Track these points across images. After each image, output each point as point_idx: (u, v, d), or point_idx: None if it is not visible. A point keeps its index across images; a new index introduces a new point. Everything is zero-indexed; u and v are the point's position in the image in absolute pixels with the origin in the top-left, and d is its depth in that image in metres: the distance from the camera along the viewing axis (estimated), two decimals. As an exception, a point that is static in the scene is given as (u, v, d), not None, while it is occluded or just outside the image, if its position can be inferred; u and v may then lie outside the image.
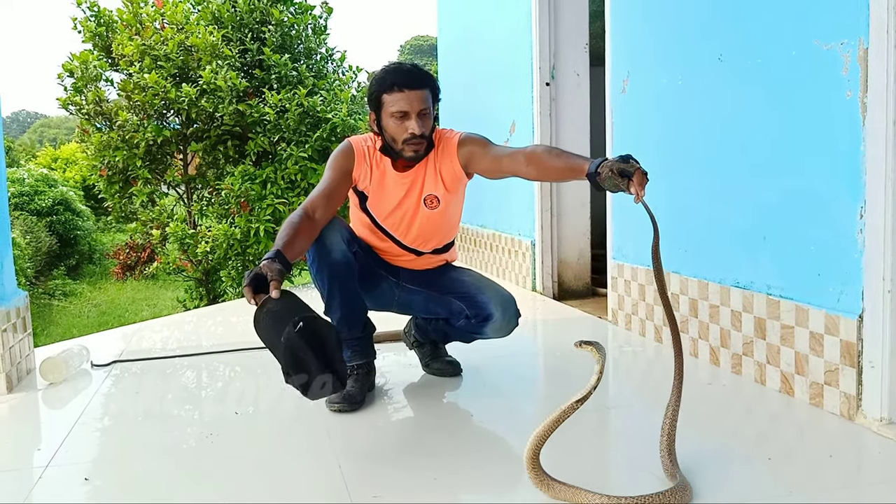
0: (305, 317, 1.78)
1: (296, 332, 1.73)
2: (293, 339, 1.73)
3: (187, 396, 2.50)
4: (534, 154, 2.11)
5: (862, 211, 1.94)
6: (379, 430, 2.11)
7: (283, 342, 1.73)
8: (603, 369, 1.57)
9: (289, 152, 5.40)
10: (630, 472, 1.80)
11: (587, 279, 4.25)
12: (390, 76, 2.20)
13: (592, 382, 1.55)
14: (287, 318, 1.76)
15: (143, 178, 5.65)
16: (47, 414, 2.41)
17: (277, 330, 1.75)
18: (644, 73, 3.01)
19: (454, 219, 2.42)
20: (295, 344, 1.73)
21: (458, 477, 1.76)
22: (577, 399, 1.56)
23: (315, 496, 1.67)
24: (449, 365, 2.57)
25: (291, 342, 1.73)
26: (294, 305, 1.82)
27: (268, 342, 1.81)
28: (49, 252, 11.88)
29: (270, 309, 1.80)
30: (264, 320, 1.80)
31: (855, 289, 1.97)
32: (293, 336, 1.73)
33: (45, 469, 1.85)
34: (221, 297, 5.87)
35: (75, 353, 2.77)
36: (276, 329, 1.76)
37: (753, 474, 1.71)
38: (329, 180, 2.26)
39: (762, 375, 2.32)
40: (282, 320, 1.76)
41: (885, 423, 1.91)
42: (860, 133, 1.93)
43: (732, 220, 2.48)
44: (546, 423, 1.57)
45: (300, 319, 1.75)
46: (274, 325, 1.77)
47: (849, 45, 1.96)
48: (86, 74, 5.69)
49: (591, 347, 1.60)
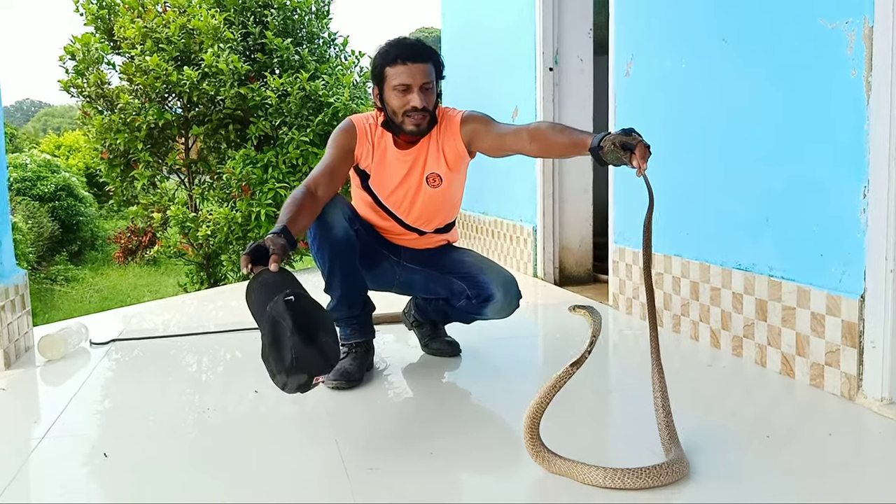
0: (299, 293, 1.70)
1: (283, 302, 1.65)
2: (279, 308, 1.64)
3: (185, 374, 2.50)
4: (537, 130, 2.10)
5: (865, 191, 1.92)
6: (376, 407, 2.10)
7: (268, 310, 1.66)
8: (597, 333, 1.55)
9: (290, 136, 5.39)
10: (629, 449, 1.79)
11: (589, 265, 4.23)
12: (393, 49, 2.18)
13: (586, 346, 1.54)
14: (279, 290, 1.69)
15: (144, 161, 5.64)
16: (45, 389, 2.40)
17: (267, 298, 1.68)
18: (648, 57, 2.99)
19: (456, 198, 2.41)
20: (279, 314, 1.64)
21: (454, 452, 1.75)
22: (572, 363, 1.54)
23: (311, 470, 1.67)
24: (448, 345, 2.56)
25: (276, 311, 1.65)
26: (291, 282, 1.76)
27: (254, 311, 1.75)
28: (51, 237, 11.89)
29: (265, 280, 1.75)
30: (256, 289, 1.75)
31: (857, 269, 1.96)
32: (280, 305, 1.64)
33: (41, 441, 1.85)
34: (222, 281, 5.87)
35: (74, 331, 2.76)
36: (265, 297, 1.69)
37: (752, 453, 1.70)
38: (331, 158, 2.25)
39: (763, 357, 2.31)
40: (273, 290, 1.69)
41: (886, 404, 1.90)
42: (864, 112, 1.92)
43: (735, 202, 2.47)
44: (543, 391, 1.55)
45: (293, 294, 1.68)
46: (265, 293, 1.71)
47: (854, 23, 1.94)
48: (87, 57, 5.68)
49: (585, 311, 1.59)
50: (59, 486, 1.62)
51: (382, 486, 1.56)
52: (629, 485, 1.48)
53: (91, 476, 1.69)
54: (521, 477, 1.63)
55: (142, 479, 1.64)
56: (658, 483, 1.49)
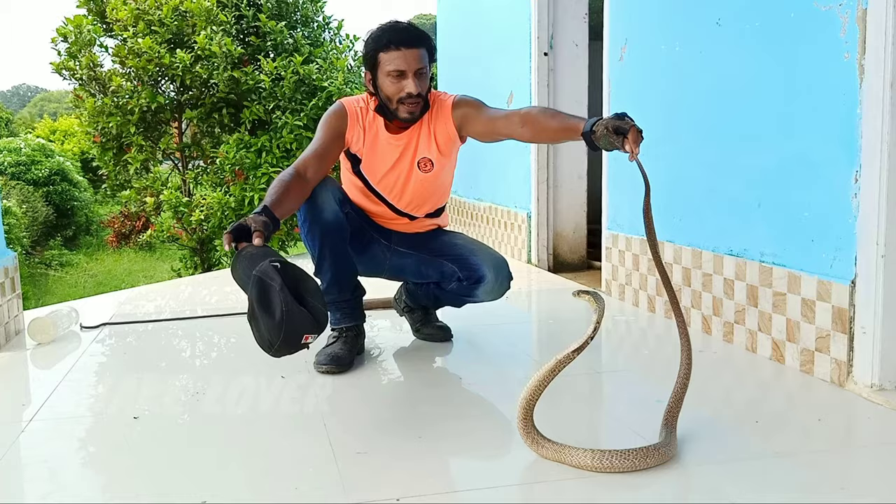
0: (285, 261, 1.69)
1: (269, 265, 1.63)
2: (266, 268, 1.63)
3: (174, 358, 2.49)
4: (529, 115, 2.08)
5: (857, 175, 1.91)
6: (366, 391, 2.09)
7: (255, 273, 1.64)
8: (601, 319, 1.54)
9: (284, 121, 5.36)
10: (618, 433, 1.79)
11: (583, 252, 4.23)
12: (387, 34, 2.16)
13: (589, 332, 1.52)
14: (264, 258, 1.68)
15: (137, 144, 5.60)
16: (34, 372, 2.40)
17: (252, 265, 1.67)
18: (642, 41, 2.97)
19: (447, 183, 2.40)
20: (265, 273, 1.62)
21: (443, 436, 1.75)
22: (574, 349, 1.52)
23: (298, 453, 1.66)
24: (439, 330, 2.56)
25: (262, 271, 1.63)
26: (275, 253, 1.74)
27: (240, 280, 1.73)
28: (45, 222, 11.86)
29: (249, 252, 1.74)
30: (241, 260, 1.73)
31: (848, 254, 1.95)
32: (266, 266, 1.63)
33: (29, 423, 1.84)
34: (216, 266, 5.86)
35: (64, 315, 2.75)
36: (250, 264, 1.68)
37: (741, 437, 1.70)
38: (321, 140, 2.23)
39: (754, 343, 2.31)
40: (258, 258, 1.68)
41: (876, 389, 1.90)
42: (857, 96, 1.90)
43: (727, 187, 2.46)
44: (541, 374, 1.54)
45: (278, 261, 1.67)
46: (250, 262, 1.69)
47: (847, 5, 1.92)
48: (79, 39, 5.64)
49: (589, 297, 1.57)
50: (48, 469, 1.61)
51: (370, 469, 1.56)
52: (617, 467, 1.48)
53: (79, 458, 1.69)
54: (510, 460, 1.62)
55: (130, 462, 1.64)
56: (645, 465, 1.49)
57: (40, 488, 1.54)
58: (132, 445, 1.73)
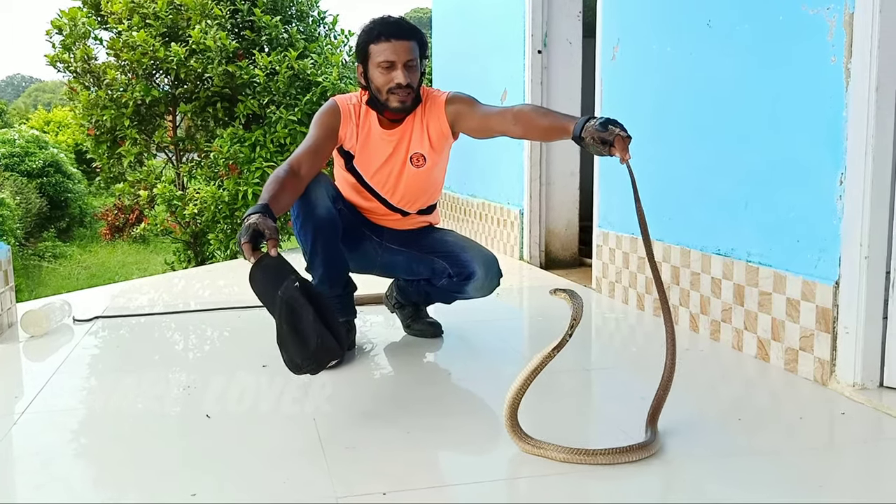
0: (302, 278, 1.79)
1: (294, 287, 1.73)
2: (292, 291, 1.73)
3: (167, 351, 2.51)
4: (521, 112, 2.11)
5: (842, 177, 1.94)
6: (356, 387, 2.11)
7: (280, 295, 1.74)
8: (578, 317, 1.56)
9: (278, 115, 5.37)
10: (604, 429, 1.81)
11: (574, 249, 4.25)
12: (377, 27, 2.19)
13: (567, 329, 1.55)
14: (283, 275, 1.76)
15: (131, 138, 5.60)
16: (27, 365, 2.41)
17: (274, 283, 1.76)
18: (634, 40, 2.99)
19: (439, 180, 2.42)
20: (293, 296, 1.73)
21: (432, 431, 1.77)
22: (553, 347, 1.55)
23: (288, 447, 1.68)
24: (430, 326, 2.58)
25: (289, 294, 1.73)
26: (290, 267, 1.83)
27: (264, 296, 1.82)
28: (39, 213, 11.83)
29: (268, 264, 1.80)
30: (259, 275, 1.80)
31: (832, 255, 1.98)
32: (292, 289, 1.73)
33: (21, 415, 1.86)
34: (210, 260, 5.87)
35: (57, 308, 2.77)
36: (272, 282, 1.76)
37: (725, 434, 1.73)
38: (315, 137, 2.24)
39: (739, 341, 2.34)
40: (278, 275, 1.77)
41: (858, 389, 1.93)
42: (843, 99, 1.93)
43: (716, 187, 2.48)
44: (523, 374, 1.57)
45: (297, 280, 1.77)
46: (270, 279, 1.78)
47: (835, 9, 1.95)
48: (74, 31, 5.63)
49: (566, 295, 1.60)
50: (40, 461, 1.63)
51: (359, 464, 1.58)
52: (601, 461, 1.51)
53: (72, 451, 1.71)
54: (499, 455, 1.65)
55: (122, 455, 1.66)
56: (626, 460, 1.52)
57: (32, 480, 1.56)
58: (124, 438, 1.75)
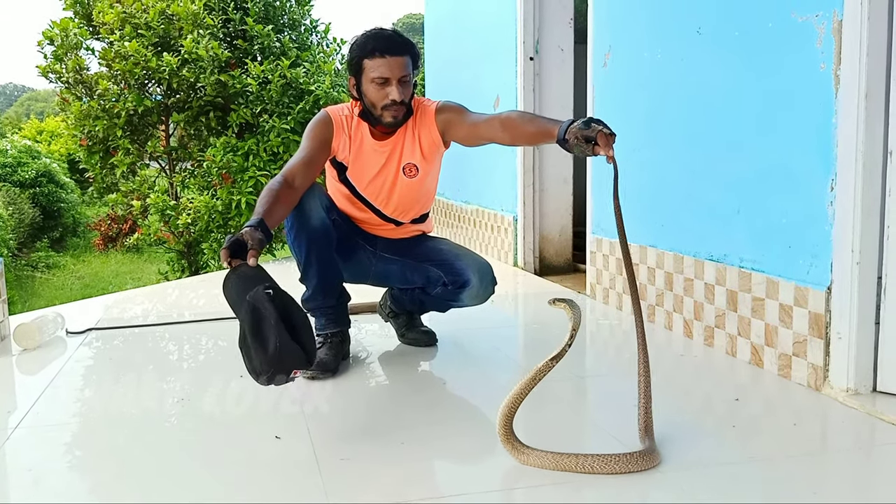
0: (277, 288, 1.73)
1: (263, 292, 1.67)
2: (259, 295, 1.67)
3: (161, 363, 2.50)
4: (508, 119, 2.12)
5: (833, 183, 1.95)
6: (350, 397, 2.11)
7: (248, 299, 1.68)
8: (577, 327, 1.57)
9: (271, 124, 5.37)
10: (600, 438, 1.81)
11: (568, 255, 4.26)
12: (371, 41, 2.18)
13: (566, 340, 1.55)
14: (258, 282, 1.72)
15: (123, 148, 5.60)
16: (20, 379, 2.40)
17: (245, 288, 1.71)
18: (626, 48, 3.00)
19: (431, 189, 2.43)
20: (259, 302, 1.67)
21: (426, 441, 1.77)
22: (552, 357, 1.55)
23: (282, 458, 1.68)
24: (424, 335, 2.58)
25: (256, 299, 1.67)
26: (268, 277, 1.78)
27: (231, 300, 1.77)
28: (32, 224, 11.80)
29: (243, 272, 1.78)
30: (234, 280, 1.78)
31: (824, 261, 1.99)
32: (260, 293, 1.67)
33: (14, 430, 1.85)
34: (204, 270, 5.86)
35: (50, 320, 2.75)
36: (243, 287, 1.72)
37: (719, 441, 1.73)
38: (308, 149, 2.24)
39: (733, 347, 2.35)
40: (252, 282, 1.72)
41: (851, 394, 1.93)
42: (832, 106, 1.94)
43: (708, 193, 2.49)
44: (521, 385, 1.57)
45: (271, 286, 1.71)
46: (243, 284, 1.73)
47: (823, 16, 1.96)
48: (66, 42, 5.62)
49: (565, 305, 1.60)
50: (32, 477, 1.62)
51: (353, 475, 1.58)
52: (598, 469, 1.51)
53: (65, 466, 1.70)
54: (493, 465, 1.64)
55: (118, 469, 1.65)
56: (626, 469, 1.52)
57: (25, 495, 1.55)
58: (118, 451, 1.74)
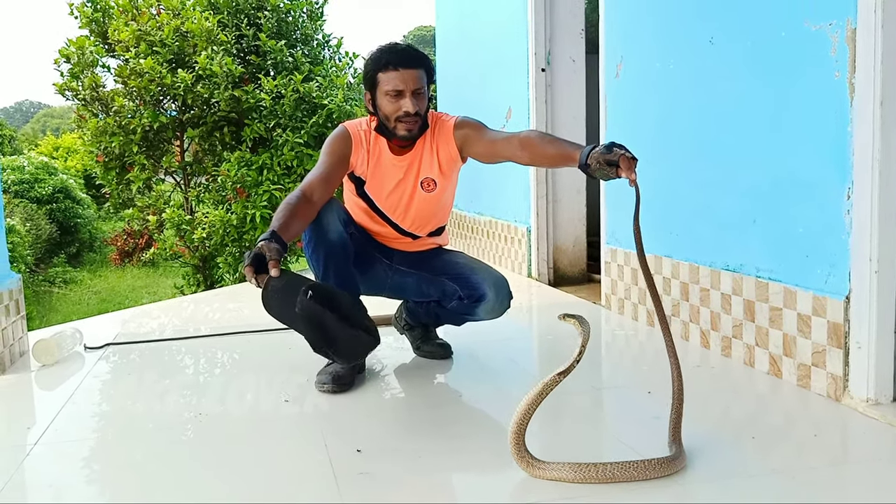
0: (311, 284, 1.83)
1: (308, 299, 1.77)
2: (307, 305, 1.77)
3: (179, 378, 2.51)
4: (528, 140, 2.13)
5: (849, 192, 1.94)
6: (366, 410, 2.11)
7: (298, 312, 1.77)
8: (586, 342, 1.57)
9: (285, 138, 5.40)
10: (617, 450, 1.80)
11: (583, 265, 4.25)
12: (385, 55, 2.21)
13: (575, 355, 1.56)
14: (295, 290, 1.79)
15: (139, 164, 5.65)
16: (39, 395, 2.42)
17: (289, 302, 1.79)
18: (638, 58, 3.01)
19: (448, 203, 2.44)
20: (311, 309, 1.77)
21: (443, 454, 1.77)
22: (560, 371, 1.56)
23: (300, 473, 1.68)
24: (440, 347, 2.58)
25: (306, 309, 1.77)
26: (296, 279, 1.87)
27: (283, 317, 1.86)
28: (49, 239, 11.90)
29: (275, 286, 1.83)
30: (272, 298, 1.84)
31: (842, 270, 1.98)
32: (306, 302, 1.77)
33: (34, 446, 1.86)
34: (219, 283, 5.89)
35: (68, 336, 2.78)
36: (287, 302, 1.80)
37: (739, 453, 1.72)
38: (327, 164, 2.26)
39: (751, 358, 2.33)
40: (290, 293, 1.80)
41: (872, 404, 1.91)
42: (847, 114, 1.93)
43: (723, 203, 2.48)
44: (529, 398, 1.57)
45: (307, 288, 1.80)
46: (283, 299, 1.81)
47: (837, 25, 1.95)
48: (82, 60, 5.69)
49: (574, 320, 1.60)
50: (53, 492, 1.63)
51: (370, 489, 1.58)
52: (618, 477, 1.51)
53: (85, 481, 1.71)
54: (509, 479, 1.63)
55: (137, 484, 1.66)
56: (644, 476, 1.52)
57: (46, 512, 1.56)
58: (137, 466, 1.75)
